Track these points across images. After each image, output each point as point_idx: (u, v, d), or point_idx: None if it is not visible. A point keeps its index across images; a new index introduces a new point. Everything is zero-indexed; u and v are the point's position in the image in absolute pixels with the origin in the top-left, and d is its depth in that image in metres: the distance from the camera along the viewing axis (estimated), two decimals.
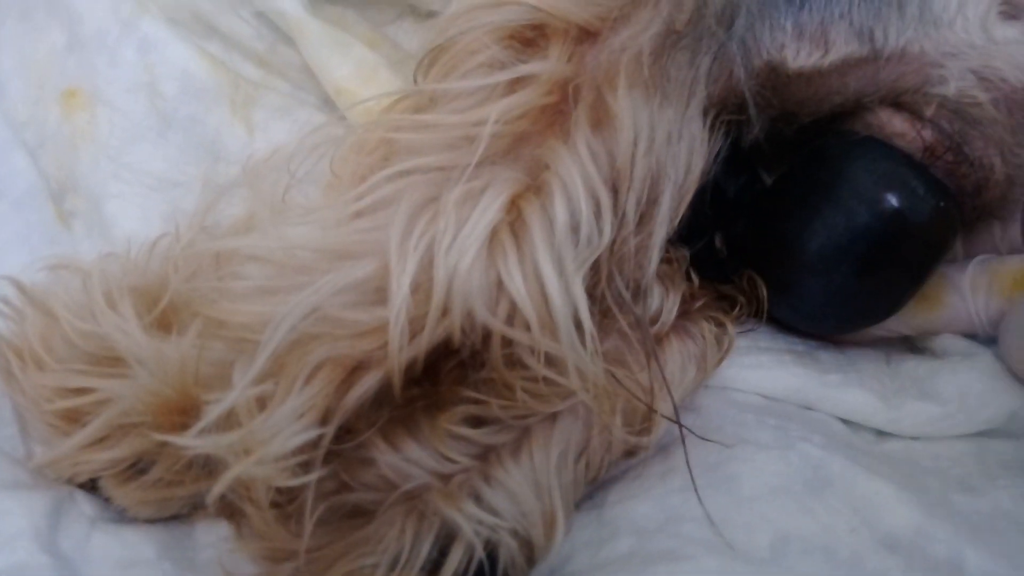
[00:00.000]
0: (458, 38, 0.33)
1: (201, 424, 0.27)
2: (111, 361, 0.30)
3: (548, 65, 0.32)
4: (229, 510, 0.33)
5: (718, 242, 0.41)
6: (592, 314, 0.31)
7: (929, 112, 0.35)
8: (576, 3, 0.33)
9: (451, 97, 0.33)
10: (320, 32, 0.39)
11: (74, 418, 0.30)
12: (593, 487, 0.36)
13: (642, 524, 0.34)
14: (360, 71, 0.39)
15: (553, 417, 0.33)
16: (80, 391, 0.30)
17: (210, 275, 0.32)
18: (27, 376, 0.31)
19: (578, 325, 0.30)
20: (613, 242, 0.31)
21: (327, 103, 0.41)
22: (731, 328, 0.38)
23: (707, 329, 0.37)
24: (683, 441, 0.35)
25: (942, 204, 0.35)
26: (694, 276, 0.39)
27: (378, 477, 0.32)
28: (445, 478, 0.32)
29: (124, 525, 0.33)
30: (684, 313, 0.38)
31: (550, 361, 0.31)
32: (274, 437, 0.27)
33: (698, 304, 0.38)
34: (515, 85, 0.33)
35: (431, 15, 0.43)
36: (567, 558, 0.33)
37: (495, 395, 0.32)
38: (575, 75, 0.32)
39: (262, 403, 0.29)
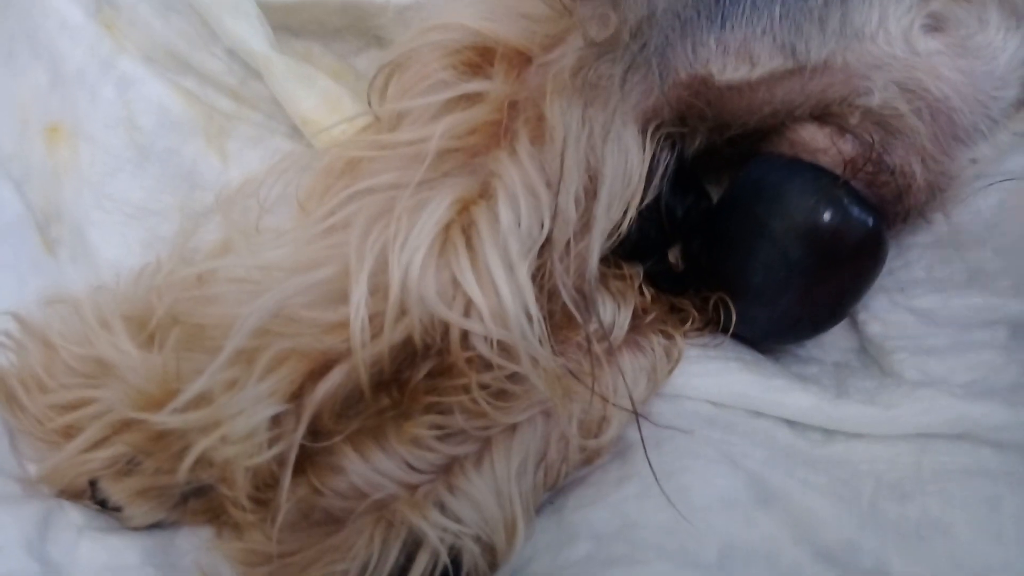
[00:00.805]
0: (410, 60, 0.36)
1: (173, 404, 0.29)
2: (103, 375, 0.33)
3: (493, 84, 0.35)
4: (211, 513, 0.35)
5: (672, 257, 0.44)
6: (545, 320, 0.34)
7: (853, 121, 0.37)
8: (516, 30, 0.36)
9: (410, 118, 0.36)
10: (285, 67, 0.42)
11: (72, 432, 0.32)
12: (553, 493, 0.38)
13: (600, 529, 0.36)
14: (325, 101, 0.42)
15: (513, 428, 0.36)
16: (78, 404, 0.33)
17: (191, 295, 0.34)
18: (31, 399, 0.33)
19: (529, 317, 0.32)
20: (550, 241, 0.33)
21: (297, 132, 0.44)
22: (680, 340, 0.40)
23: (656, 342, 0.39)
24: (643, 443, 0.37)
25: (871, 218, 0.38)
26: (647, 291, 0.41)
27: (348, 486, 0.34)
28: (411, 488, 0.34)
29: (111, 533, 0.35)
30: (636, 327, 0.40)
31: (504, 352, 0.33)
32: (240, 413, 0.30)
33: (649, 318, 0.40)
34: (464, 103, 0.36)
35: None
36: (528, 561, 0.35)
37: (459, 403, 0.34)
38: (516, 93, 0.35)
39: (231, 387, 0.31)
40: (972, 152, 0.38)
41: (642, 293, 0.41)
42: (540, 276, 0.34)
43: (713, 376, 0.41)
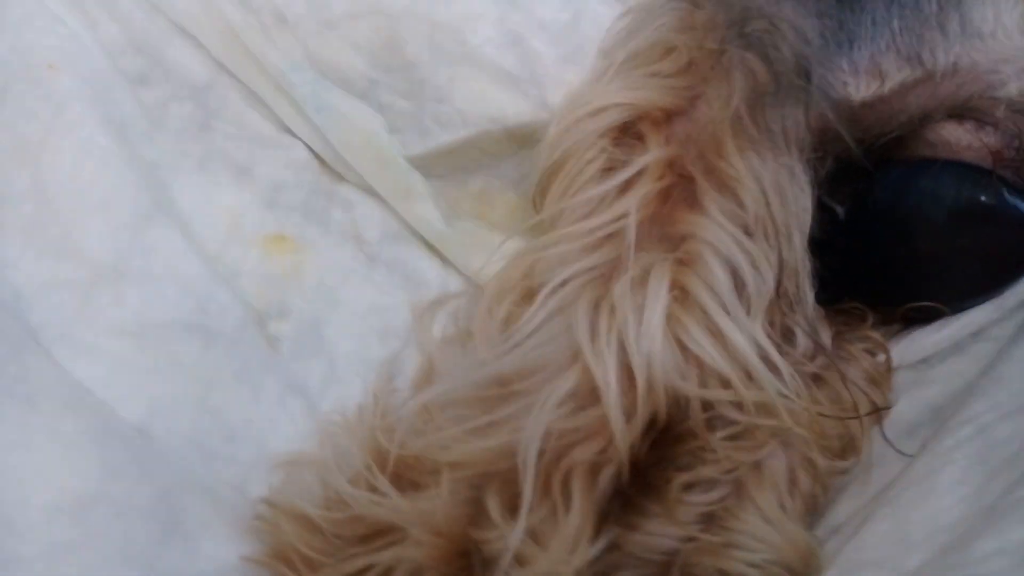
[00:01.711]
0: (567, 154, 0.36)
1: (504, 562, 0.29)
2: (378, 534, 0.32)
3: (653, 152, 0.36)
4: None
5: None
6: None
7: (999, 115, 0.39)
8: (660, 91, 0.37)
9: (578, 206, 0.36)
10: (459, 243, 0.44)
11: None
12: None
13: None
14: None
15: (758, 464, 0.36)
16: (363, 571, 0.31)
17: (422, 429, 0.34)
18: None
19: (774, 369, 0.33)
20: (781, 292, 0.34)
21: None
22: (878, 336, 0.41)
23: (858, 348, 0.40)
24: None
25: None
26: None
27: (629, 557, 0.33)
28: (688, 539, 0.34)
29: None
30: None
31: (756, 410, 0.34)
32: (572, 556, 0.29)
33: (833, 332, 0.41)
34: (630, 182, 0.36)
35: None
36: None
37: (699, 463, 0.35)
38: (679, 154, 0.36)
39: (533, 530, 0.31)
40: None
41: None
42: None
43: None
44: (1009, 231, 0.40)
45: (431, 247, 0.45)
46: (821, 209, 0.43)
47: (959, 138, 0.39)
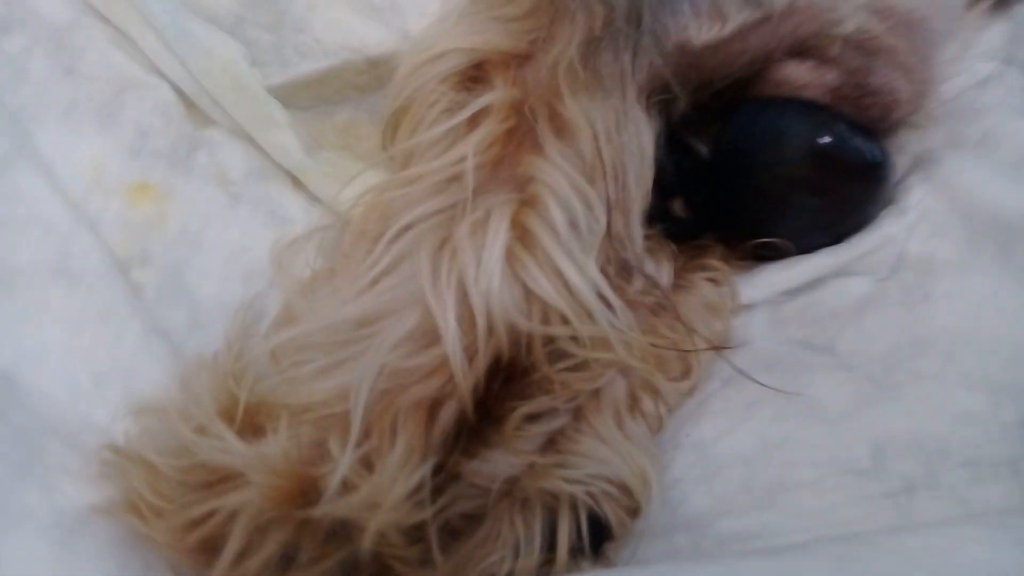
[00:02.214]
0: (413, 97, 0.37)
1: (329, 493, 0.30)
2: (221, 480, 0.33)
3: (498, 94, 0.36)
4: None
5: (678, 208, 0.45)
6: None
7: (835, 51, 0.40)
8: (504, 36, 0.37)
9: (424, 148, 0.37)
10: (321, 173, 0.44)
11: (212, 545, 0.32)
12: (684, 430, 0.39)
13: (746, 454, 0.37)
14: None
15: (596, 391, 0.37)
16: (206, 517, 0.32)
17: (271, 372, 0.35)
18: (154, 526, 0.33)
19: (608, 305, 0.34)
20: (610, 231, 0.35)
21: None
22: (723, 267, 0.42)
23: (698, 278, 0.42)
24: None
25: (860, 138, 0.41)
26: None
27: (469, 486, 0.35)
28: (527, 467, 0.35)
29: None
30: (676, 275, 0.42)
31: (596, 344, 0.35)
32: (394, 484, 0.31)
33: (680, 263, 0.43)
34: (475, 121, 0.37)
35: None
36: (685, 496, 0.37)
37: (540, 393, 0.36)
38: (523, 96, 0.37)
39: (366, 461, 0.32)
40: (944, 54, 0.41)
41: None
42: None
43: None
44: (844, 169, 0.41)
45: (296, 183, 0.45)
46: (686, 150, 0.45)
47: (799, 76, 0.40)
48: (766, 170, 0.41)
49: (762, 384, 0.37)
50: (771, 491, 0.35)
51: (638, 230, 0.37)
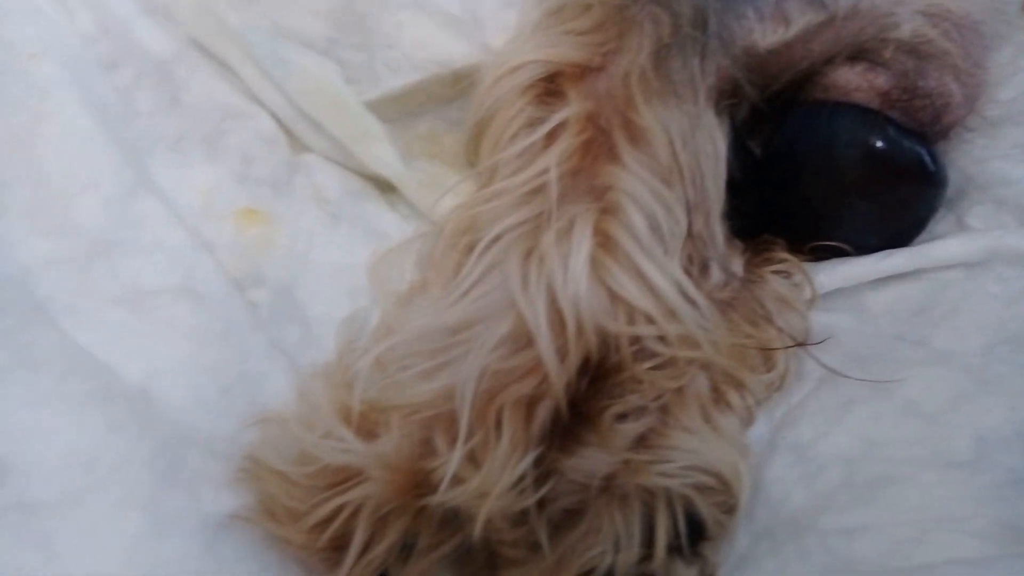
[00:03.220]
0: (492, 112, 0.39)
1: (444, 484, 0.34)
2: (344, 479, 0.36)
3: (573, 108, 0.39)
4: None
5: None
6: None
7: (887, 55, 0.41)
8: (576, 48, 0.39)
9: (507, 163, 0.39)
10: (417, 183, 0.46)
11: (342, 543, 0.35)
12: (784, 430, 0.40)
13: (847, 453, 0.37)
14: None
15: (680, 388, 0.39)
16: (334, 514, 0.35)
17: (378, 379, 0.38)
18: (289, 529, 0.36)
19: (692, 303, 0.36)
20: (691, 233, 0.37)
21: None
22: (791, 258, 0.43)
23: (769, 271, 0.43)
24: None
25: (910, 141, 0.41)
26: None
27: (569, 483, 0.37)
28: (623, 463, 0.38)
29: None
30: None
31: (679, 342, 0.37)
32: (502, 474, 0.34)
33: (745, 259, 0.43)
34: (553, 135, 0.39)
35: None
36: (785, 496, 0.37)
37: (628, 392, 0.38)
38: (597, 108, 0.39)
39: (471, 455, 0.35)
40: (998, 57, 0.42)
41: None
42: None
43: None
44: (896, 171, 0.42)
45: (389, 201, 0.47)
46: (744, 151, 0.46)
47: (849, 80, 0.41)
48: (819, 174, 0.43)
49: (859, 379, 0.38)
50: (872, 487, 0.35)
51: (718, 228, 0.39)
